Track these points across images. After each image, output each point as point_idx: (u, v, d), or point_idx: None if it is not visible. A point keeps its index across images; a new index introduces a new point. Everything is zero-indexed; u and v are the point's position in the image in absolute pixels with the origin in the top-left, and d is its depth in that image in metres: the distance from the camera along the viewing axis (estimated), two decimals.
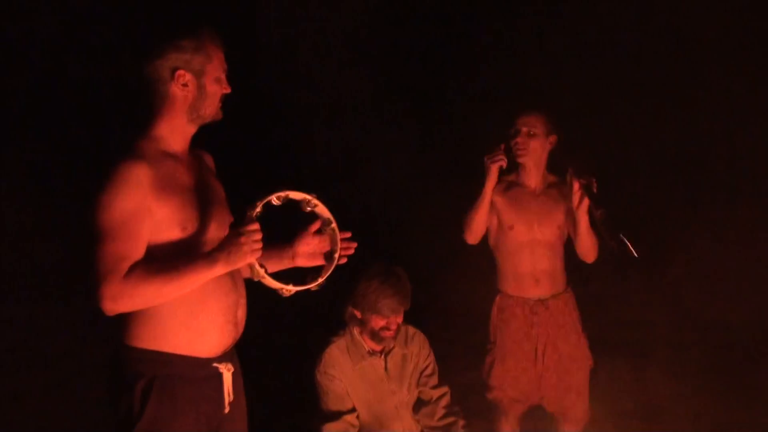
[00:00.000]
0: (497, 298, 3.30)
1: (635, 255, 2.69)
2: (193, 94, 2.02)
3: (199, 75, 2.01)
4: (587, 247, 3.11)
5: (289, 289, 2.02)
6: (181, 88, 2.01)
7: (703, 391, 4.46)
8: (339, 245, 2.16)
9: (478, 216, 3.15)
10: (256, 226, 1.90)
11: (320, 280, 2.10)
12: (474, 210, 3.15)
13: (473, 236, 3.22)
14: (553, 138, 3.19)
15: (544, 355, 3.21)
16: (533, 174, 3.23)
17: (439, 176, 8.40)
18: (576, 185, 2.94)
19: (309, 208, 2.11)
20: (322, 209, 2.13)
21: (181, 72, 1.99)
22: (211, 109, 2.07)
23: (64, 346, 5.34)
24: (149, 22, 2.06)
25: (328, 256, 2.20)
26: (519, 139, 3.15)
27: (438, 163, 8.55)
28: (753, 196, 6.87)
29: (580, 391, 3.27)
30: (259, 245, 1.90)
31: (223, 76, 2.07)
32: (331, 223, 2.16)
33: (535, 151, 3.17)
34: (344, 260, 2.27)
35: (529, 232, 3.18)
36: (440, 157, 8.57)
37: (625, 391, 4.45)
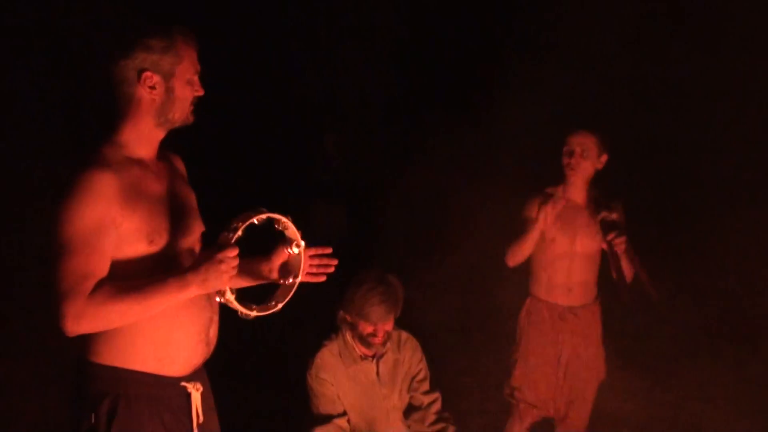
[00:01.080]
0: (527, 301, 3.34)
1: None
2: (161, 97, 1.88)
3: (167, 77, 1.87)
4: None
5: (252, 314, 1.94)
6: (148, 90, 1.86)
7: (691, 399, 4.47)
8: (301, 270, 2.07)
9: (526, 248, 3.19)
10: (234, 251, 1.79)
11: (280, 305, 2.01)
12: (523, 242, 3.18)
13: (516, 262, 3.25)
14: (603, 158, 3.24)
15: (566, 363, 3.25)
16: (579, 190, 3.27)
17: (442, 182, 8.42)
18: (598, 226, 3.12)
19: (279, 227, 2.02)
20: (291, 231, 2.04)
21: (148, 74, 1.85)
22: (180, 113, 1.92)
23: (67, 337, 5.32)
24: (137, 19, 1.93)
25: (290, 278, 2.09)
26: (573, 160, 3.18)
27: (445, 169, 8.58)
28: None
29: (587, 400, 3.34)
30: (235, 271, 1.80)
31: (195, 78, 1.93)
32: (297, 246, 2.06)
33: (585, 170, 3.21)
34: (323, 278, 2.18)
35: (570, 245, 3.22)
36: (451, 162, 8.60)
37: (622, 400, 4.47)
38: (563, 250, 3.22)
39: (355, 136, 7.80)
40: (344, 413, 3.00)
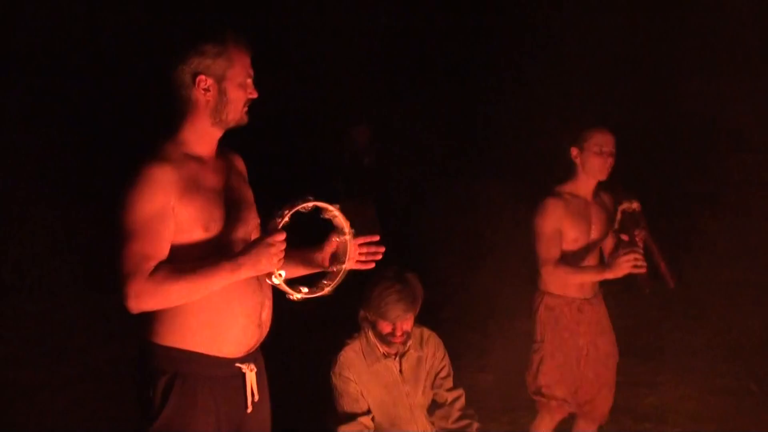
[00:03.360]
0: (545, 298, 3.30)
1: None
2: (215, 98, 2.03)
3: (220, 80, 2.02)
4: None
5: (299, 295, 2.03)
6: (202, 93, 2.02)
7: (712, 393, 4.45)
8: (349, 256, 2.17)
9: (574, 281, 3.21)
10: (282, 235, 1.93)
11: (328, 288, 2.11)
12: (578, 276, 3.19)
13: (556, 280, 3.24)
14: None
15: (587, 354, 3.27)
16: (592, 186, 3.26)
17: (461, 176, 8.43)
18: (618, 214, 3.12)
19: (327, 216, 2.13)
20: (339, 220, 2.14)
21: (202, 77, 2.00)
22: (234, 114, 2.07)
23: (82, 341, 5.39)
24: (182, 26, 2.08)
25: (338, 264, 2.19)
26: (611, 160, 3.17)
27: (459, 162, 8.59)
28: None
29: (611, 386, 3.35)
30: (282, 254, 1.93)
31: (247, 81, 2.07)
32: (345, 234, 2.16)
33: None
34: (372, 265, 2.28)
35: (587, 241, 3.23)
36: (461, 156, 8.61)
37: (645, 395, 4.46)
38: (580, 247, 3.22)
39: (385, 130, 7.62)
40: (368, 411, 3.00)
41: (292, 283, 2.02)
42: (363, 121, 6.93)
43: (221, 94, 2.03)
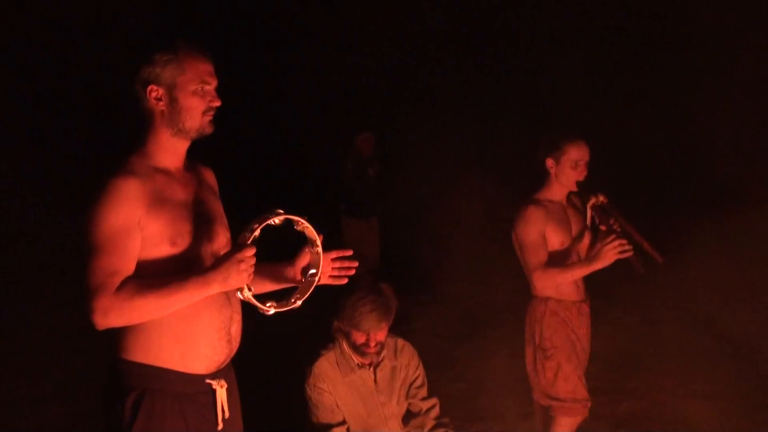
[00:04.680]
0: (548, 304, 3.29)
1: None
2: (167, 107, 2.00)
3: (170, 88, 1.99)
4: None
5: (270, 309, 2.01)
6: (155, 102, 2.00)
7: (686, 398, 4.51)
8: (320, 269, 2.16)
9: (566, 280, 3.23)
10: (252, 251, 1.89)
11: (298, 302, 2.09)
12: (569, 275, 3.19)
13: (548, 288, 3.25)
14: None
15: (584, 356, 3.35)
16: (566, 193, 3.32)
17: (433, 191, 8.46)
18: (589, 211, 3.19)
19: (299, 228, 2.11)
20: (310, 231, 2.12)
21: (152, 87, 1.98)
22: (191, 122, 2.02)
23: (54, 357, 5.33)
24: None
25: (309, 276, 2.17)
26: (585, 172, 3.22)
27: (448, 172, 8.63)
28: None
29: None
30: (252, 270, 1.90)
31: (205, 88, 2.02)
32: (316, 246, 2.15)
33: None
34: (344, 281, 2.27)
35: (572, 243, 3.29)
36: (452, 164, 8.66)
37: (612, 399, 4.49)
38: (569, 250, 3.28)
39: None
40: (343, 422, 3.00)
41: (260, 297, 2.00)
42: (367, 128, 6.64)
43: (173, 102, 1.99)
